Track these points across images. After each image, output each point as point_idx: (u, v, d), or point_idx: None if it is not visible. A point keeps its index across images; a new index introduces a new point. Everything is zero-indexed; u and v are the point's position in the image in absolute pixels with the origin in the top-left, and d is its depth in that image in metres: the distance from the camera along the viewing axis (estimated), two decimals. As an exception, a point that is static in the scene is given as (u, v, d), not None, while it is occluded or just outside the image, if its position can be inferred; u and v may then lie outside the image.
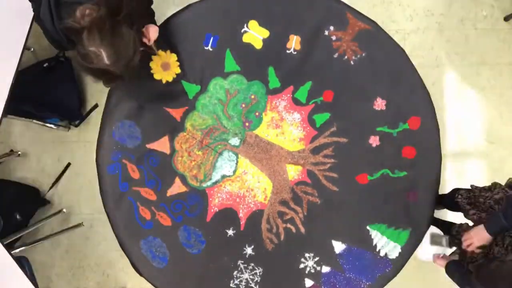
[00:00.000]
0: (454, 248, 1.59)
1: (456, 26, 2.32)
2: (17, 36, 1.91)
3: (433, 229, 1.67)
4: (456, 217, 1.75)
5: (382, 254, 1.66)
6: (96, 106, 2.56)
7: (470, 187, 1.60)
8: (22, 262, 1.94)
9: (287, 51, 1.75)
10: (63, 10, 1.24)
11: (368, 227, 1.67)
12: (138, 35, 1.35)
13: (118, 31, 1.20)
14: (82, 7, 1.17)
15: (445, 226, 1.73)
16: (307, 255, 1.68)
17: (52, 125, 2.51)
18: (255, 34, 1.76)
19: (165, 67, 1.77)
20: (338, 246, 1.67)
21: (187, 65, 1.77)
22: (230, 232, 1.71)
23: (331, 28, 1.73)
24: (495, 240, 1.39)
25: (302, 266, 1.68)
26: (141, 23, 1.45)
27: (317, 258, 1.68)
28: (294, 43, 1.74)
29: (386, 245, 1.65)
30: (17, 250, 2.26)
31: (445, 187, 2.36)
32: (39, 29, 1.37)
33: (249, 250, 1.70)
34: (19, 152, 2.57)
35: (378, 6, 2.46)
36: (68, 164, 2.57)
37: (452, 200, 1.64)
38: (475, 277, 1.30)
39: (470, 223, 1.57)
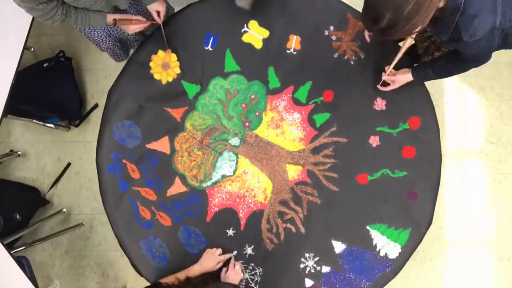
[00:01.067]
0: None
1: (456, 26, 2.32)
2: (17, 36, 1.92)
3: None
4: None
5: (382, 254, 1.66)
6: (96, 106, 2.57)
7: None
8: (22, 262, 1.94)
9: (287, 51, 1.75)
10: None
11: (368, 227, 1.67)
12: None
13: None
14: None
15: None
16: (307, 255, 1.68)
17: (52, 125, 2.51)
18: (255, 34, 1.76)
19: (165, 67, 1.78)
20: (338, 246, 1.67)
21: (187, 65, 1.77)
22: (230, 232, 1.71)
23: (331, 28, 1.73)
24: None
25: (302, 266, 1.68)
26: None
27: (317, 258, 1.68)
28: (294, 43, 1.74)
29: (386, 245, 1.65)
30: (17, 250, 2.27)
31: (445, 187, 2.37)
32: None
33: (249, 250, 1.70)
34: (19, 152, 2.57)
35: (378, 6, 2.45)
36: (68, 164, 2.57)
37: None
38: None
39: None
